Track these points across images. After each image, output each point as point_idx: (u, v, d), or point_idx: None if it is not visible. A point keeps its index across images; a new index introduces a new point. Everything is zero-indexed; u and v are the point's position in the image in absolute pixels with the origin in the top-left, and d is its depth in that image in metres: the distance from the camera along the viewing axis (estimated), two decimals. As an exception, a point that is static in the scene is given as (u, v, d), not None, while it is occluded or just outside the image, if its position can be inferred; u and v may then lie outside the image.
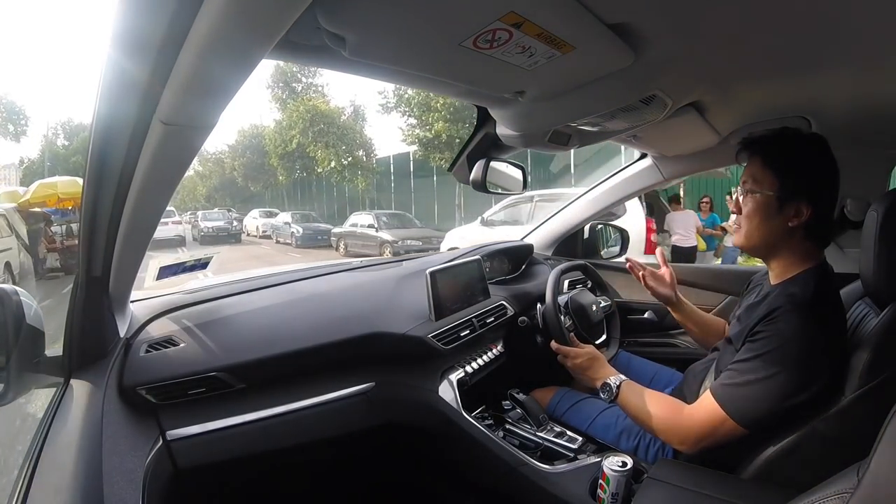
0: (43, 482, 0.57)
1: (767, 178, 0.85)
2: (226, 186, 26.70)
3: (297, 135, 15.53)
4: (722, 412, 0.79)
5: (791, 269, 0.86)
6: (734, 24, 0.65)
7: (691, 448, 0.85)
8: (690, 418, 0.85)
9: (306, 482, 1.13)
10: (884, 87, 0.93)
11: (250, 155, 22.32)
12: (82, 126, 18.24)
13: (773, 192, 0.84)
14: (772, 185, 0.84)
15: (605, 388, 0.98)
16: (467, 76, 0.74)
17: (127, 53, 0.45)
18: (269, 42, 0.46)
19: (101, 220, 0.65)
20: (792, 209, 0.83)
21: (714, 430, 0.81)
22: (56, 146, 18.65)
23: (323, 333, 1.00)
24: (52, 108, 20.05)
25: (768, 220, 0.85)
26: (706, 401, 0.83)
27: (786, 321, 0.77)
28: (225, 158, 25.09)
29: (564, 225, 1.83)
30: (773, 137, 0.87)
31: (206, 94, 0.51)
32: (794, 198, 0.82)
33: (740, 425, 0.78)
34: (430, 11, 0.53)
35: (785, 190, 0.83)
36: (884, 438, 0.42)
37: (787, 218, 0.83)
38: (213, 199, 28.22)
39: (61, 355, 0.75)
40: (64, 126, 24.02)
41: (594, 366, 1.05)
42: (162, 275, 1.03)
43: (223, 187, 27.06)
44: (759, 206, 0.85)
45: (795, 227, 0.83)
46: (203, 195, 28.88)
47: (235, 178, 24.43)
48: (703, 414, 0.83)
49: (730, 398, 0.80)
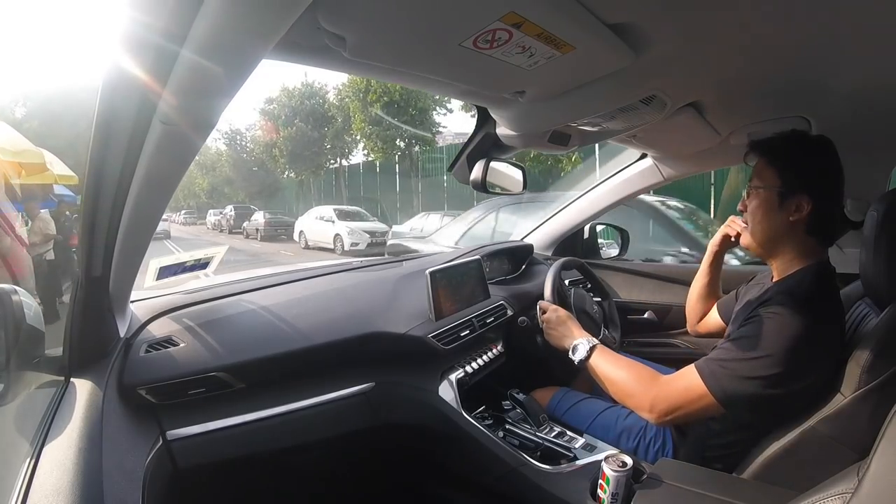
0: (43, 482, 0.57)
1: (770, 176, 0.87)
2: (242, 176, 21.62)
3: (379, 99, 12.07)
4: (703, 386, 0.79)
5: (791, 266, 0.87)
6: (734, 25, 0.65)
7: (659, 417, 0.84)
8: (666, 386, 0.85)
9: (306, 482, 1.13)
10: (884, 88, 0.93)
11: (300, 123, 16.29)
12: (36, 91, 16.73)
13: (776, 188, 0.85)
14: (774, 182, 0.86)
15: (577, 349, 0.98)
16: (467, 76, 0.74)
17: (128, 53, 0.45)
18: (269, 42, 0.46)
19: (100, 220, 0.65)
20: (793, 204, 0.84)
21: (690, 402, 0.81)
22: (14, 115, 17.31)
23: (323, 333, 1.00)
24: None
25: (770, 214, 0.87)
26: (687, 372, 0.83)
27: (780, 310, 0.78)
28: (243, 141, 20.96)
29: (564, 225, 1.83)
30: (778, 137, 0.89)
31: (206, 94, 0.51)
32: (795, 193, 0.84)
33: (719, 402, 0.78)
34: (430, 11, 0.53)
35: (786, 185, 0.85)
36: (884, 438, 0.42)
37: (789, 213, 0.84)
38: (222, 194, 24.81)
39: (61, 355, 0.75)
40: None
41: (568, 323, 1.07)
42: (162, 275, 1.03)
43: (237, 178, 22.01)
44: (762, 201, 0.88)
45: (796, 221, 0.84)
46: (204, 190, 26.28)
47: (261, 163, 20.00)
48: (681, 384, 0.83)
49: (712, 373, 0.80)
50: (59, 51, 42.32)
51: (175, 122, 0.52)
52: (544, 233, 1.86)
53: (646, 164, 1.61)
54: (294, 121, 16.61)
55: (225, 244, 1.24)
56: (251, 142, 21.74)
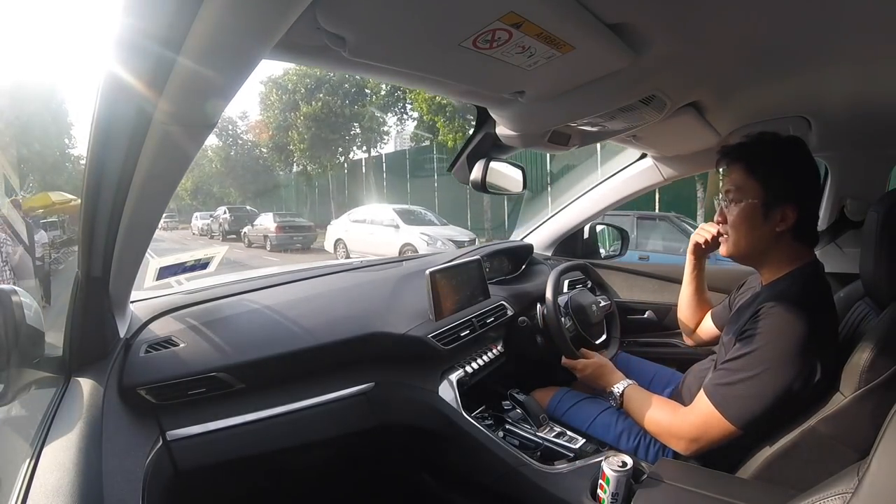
0: (43, 482, 0.57)
1: (751, 186, 0.85)
2: (236, 173, 18.26)
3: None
4: (716, 412, 0.80)
5: (780, 270, 0.87)
6: (734, 25, 0.65)
7: (688, 448, 0.85)
8: (686, 419, 0.85)
9: (307, 482, 1.13)
10: (884, 87, 0.93)
11: (326, 97, 13.20)
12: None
13: (759, 199, 0.84)
14: (756, 193, 0.84)
15: (611, 395, 1.03)
16: (467, 76, 0.74)
17: (127, 53, 0.45)
18: (269, 42, 0.46)
19: (100, 220, 0.65)
20: (778, 215, 0.83)
21: (708, 430, 0.81)
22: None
23: (323, 333, 1.00)
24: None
25: (755, 228, 0.85)
26: (700, 401, 0.83)
27: (772, 317, 0.78)
28: (236, 131, 17.29)
29: (564, 225, 1.83)
30: (752, 144, 0.87)
31: (206, 94, 0.51)
32: (780, 203, 0.83)
33: (734, 425, 0.79)
34: (429, 11, 0.53)
35: (770, 197, 0.83)
36: (884, 438, 0.42)
37: (775, 224, 0.84)
38: (209, 195, 21.76)
39: (61, 355, 0.75)
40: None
41: (603, 374, 1.08)
42: (162, 275, 1.03)
43: (229, 175, 18.61)
44: (746, 214, 0.86)
45: (783, 231, 0.84)
46: (188, 190, 22.64)
47: (256, 158, 17.10)
48: (698, 414, 0.83)
49: (723, 397, 0.80)
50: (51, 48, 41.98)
51: (175, 123, 0.52)
52: (544, 233, 1.86)
53: (646, 164, 1.61)
54: (317, 94, 13.30)
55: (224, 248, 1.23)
56: (248, 131, 18.42)
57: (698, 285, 1.20)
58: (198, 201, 23.35)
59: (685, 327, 1.26)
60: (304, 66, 0.90)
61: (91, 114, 0.53)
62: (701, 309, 1.23)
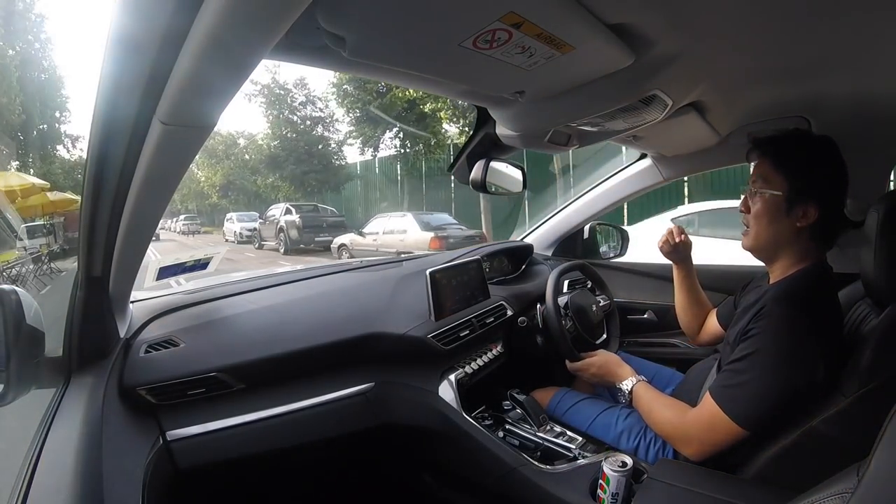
0: (43, 482, 0.57)
1: (778, 179, 0.85)
2: (307, 156, 13.31)
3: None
4: (723, 414, 0.79)
5: (789, 269, 0.87)
6: (734, 25, 0.65)
7: (696, 452, 0.84)
8: (694, 422, 0.85)
9: (306, 482, 1.13)
10: (884, 88, 0.93)
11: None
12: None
13: (783, 192, 0.84)
14: (781, 186, 0.84)
15: (619, 393, 1.02)
16: (467, 76, 0.74)
17: (127, 53, 0.45)
18: (269, 42, 0.46)
19: (100, 220, 0.65)
20: (800, 210, 0.83)
21: (716, 433, 0.81)
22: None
23: (323, 334, 1.00)
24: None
25: (776, 220, 0.85)
26: (707, 403, 0.83)
27: (775, 317, 0.78)
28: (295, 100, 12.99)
29: (564, 225, 1.83)
30: (783, 138, 0.87)
31: (206, 94, 0.51)
32: (804, 199, 0.82)
33: (742, 427, 0.78)
34: (429, 12, 0.53)
35: (794, 191, 0.83)
36: (884, 438, 0.42)
37: (796, 219, 0.83)
38: (249, 193, 17.70)
39: (61, 355, 0.75)
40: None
41: (610, 369, 1.08)
42: (162, 275, 1.03)
43: (288, 161, 13.33)
44: (768, 206, 0.86)
45: (802, 227, 0.83)
46: (216, 186, 18.72)
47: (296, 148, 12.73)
48: (705, 417, 0.82)
49: (729, 399, 0.80)
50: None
51: (175, 122, 0.52)
52: (544, 233, 1.86)
53: (645, 164, 1.61)
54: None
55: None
56: (308, 103, 13.69)
57: (689, 285, 1.21)
58: (228, 199, 19.40)
59: (689, 329, 1.26)
60: (305, 65, 0.91)
61: (91, 113, 0.53)
62: (700, 310, 1.22)
